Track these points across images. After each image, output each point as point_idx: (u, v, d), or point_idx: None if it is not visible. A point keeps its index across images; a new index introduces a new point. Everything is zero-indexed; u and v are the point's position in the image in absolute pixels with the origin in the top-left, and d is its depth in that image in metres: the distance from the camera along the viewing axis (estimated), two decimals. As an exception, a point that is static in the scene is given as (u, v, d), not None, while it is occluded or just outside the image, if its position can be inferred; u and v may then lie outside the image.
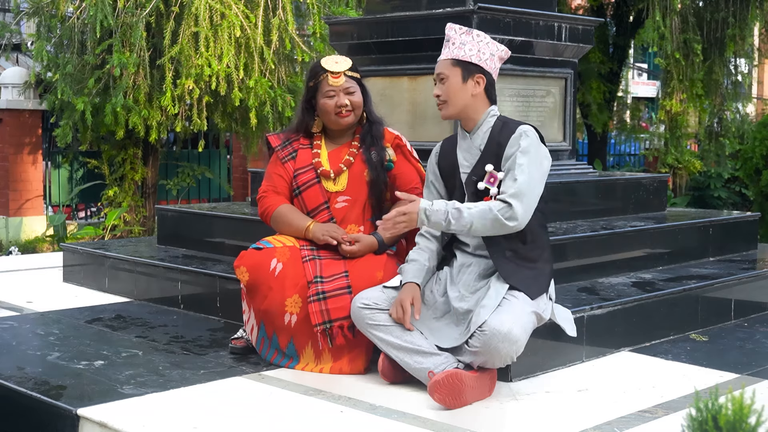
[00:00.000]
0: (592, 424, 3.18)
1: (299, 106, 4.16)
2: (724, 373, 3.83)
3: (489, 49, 3.65)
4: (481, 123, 3.67)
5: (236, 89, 8.34)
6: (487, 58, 3.64)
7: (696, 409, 2.17)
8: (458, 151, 3.75)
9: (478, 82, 3.63)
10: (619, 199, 5.50)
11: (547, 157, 3.62)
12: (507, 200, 3.46)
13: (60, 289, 5.56)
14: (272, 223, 4.05)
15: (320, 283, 3.75)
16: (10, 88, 10.40)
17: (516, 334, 3.35)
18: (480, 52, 3.63)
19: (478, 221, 3.46)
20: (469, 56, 3.62)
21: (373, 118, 4.10)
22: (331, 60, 4.04)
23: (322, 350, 3.76)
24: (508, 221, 3.46)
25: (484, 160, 3.62)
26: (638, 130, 14.31)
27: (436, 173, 3.83)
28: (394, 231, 3.59)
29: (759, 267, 5.18)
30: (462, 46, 3.64)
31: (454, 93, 3.64)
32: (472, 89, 3.63)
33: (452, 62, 3.64)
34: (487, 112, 3.68)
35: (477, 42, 3.64)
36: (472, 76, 3.62)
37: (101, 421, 3.13)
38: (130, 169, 9.73)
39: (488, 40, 3.67)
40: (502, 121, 3.67)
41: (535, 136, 3.58)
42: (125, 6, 8.30)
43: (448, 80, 3.64)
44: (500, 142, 3.59)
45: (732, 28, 10.98)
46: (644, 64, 21.09)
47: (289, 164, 4.07)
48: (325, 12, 8.74)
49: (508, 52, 3.74)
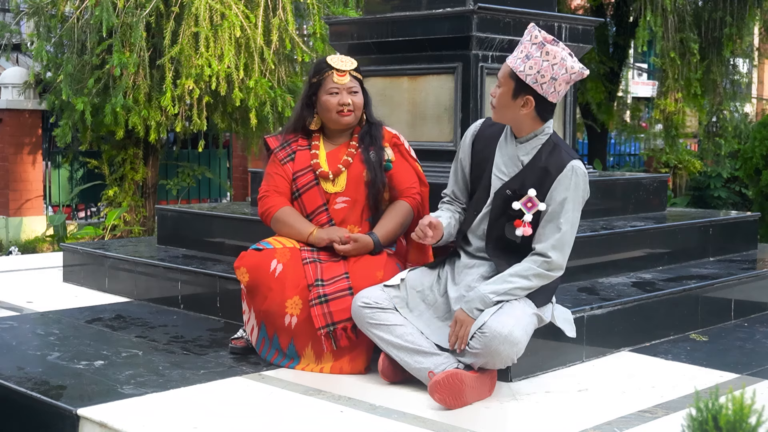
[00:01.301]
0: (592, 424, 3.18)
1: (299, 102, 4.14)
2: (724, 373, 3.83)
3: (552, 72, 3.39)
4: (530, 137, 3.54)
5: (236, 89, 8.34)
6: (546, 81, 3.40)
7: (696, 409, 2.17)
8: (498, 149, 3.62)
9: (527, 103, 3.44)
10: (619, 199, 5.50)
11: (587, 192, 3.55)
12: (548, 254, 3.43)
13: (60, 289, 5.56)
14: (273, 224, 4.04)
15: (321, 286, 3.74)
16: (10, 88, 10.39)
17: (517, 336, 3.35)
18: (539, 74, 3.39)
19: (523, 282, 3.42)
20: (525, 75, 3.40)
21: (373, 120, 4.10)
22: (337, 58, 4.03)
23: (322, 350, 3.76)
24: (551, 272, 3.46)
25: (525, 178, 3.51)
26: (638, 130, 14.31)
27: (468, 153, 3.72)
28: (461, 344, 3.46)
29: (759, 267, 5.18)
30: (526, 60, 3.41)
31: (503, 104, 3.49)
32: (520, 108, 3.47)
33: (510, 73, 3.46)
34: (541, 129, 3.53)
35: (542, 60, 3.38)
36: (522, 95, 3.43)
37: (101, 421, 3.13)
38: (130, 169, 9.73)
39: (557, 61, 3.39)
40: (554, 142, 3.53)
41: (584, 175, 3.50)
42: (125, 6, 8.30)
43: (502, 88, 3.49)
44: (547, 169, 3.48)
45: (729, 28, 10.98)
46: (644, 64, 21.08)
47: (288, 166, 4.06)
48: (324, 12, 8.74)
49: (583, 74, 3.46)
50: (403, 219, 4.00)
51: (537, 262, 3.45)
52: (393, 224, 3.97)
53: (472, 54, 4.85)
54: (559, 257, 3.46)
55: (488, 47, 4.90)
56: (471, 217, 3.68)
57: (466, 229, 3.69)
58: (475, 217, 3.66)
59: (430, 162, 4.72)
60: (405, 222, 4.01)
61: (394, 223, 3.97)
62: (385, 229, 3.95)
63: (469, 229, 3.68)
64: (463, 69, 4.88)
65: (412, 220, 4.01)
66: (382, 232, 3.93)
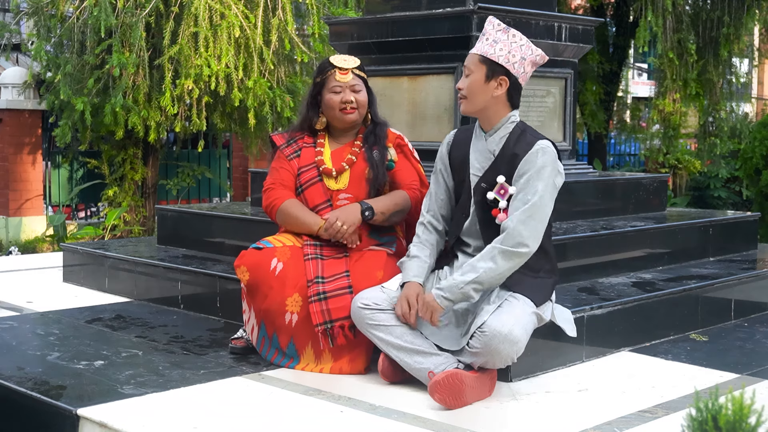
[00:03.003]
0: (592, 424, 3.18)
1: (304, 102, 4.15)
2: (724, 373, 3.83)
3: (521, 53, 3.53)
4: (499, 127, 3.59)
5: (236, 89, 8.34)
6: (517, 61, 3.52)
7: (696, 409, 2.17)
8: (471, 149, 3.67)
9: (501, 84, 3.54)
10: (619, 199, 5.50)
11: (561, 174, 3.54)
12: (509, 226, 3.40)
13: (60, 289, 5.56)
14: (278, 215, 4.02)
15: (321, 284, 3.75)
16: (10, 88, 10.40)
17: (516, 335, 3.35)
18: (510, 54, 3.52)
19: (489, 264, 3.39)
20: (497, 56, 3.52)
21: (378, 120, 4.10)
22: (340, 57, 4.05)
23: (322, 350, 3.76)
24: (516, 248, 3.39)
25: (497, 168, 3.55)
26: (638, 130, 14.32)
27: (446, 164, 3.75)
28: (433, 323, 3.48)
29: (759, 267, 5.18)
30: (494, 44, 3.54)
31: (475, 90, 3.56)
32: (494, 90, 3.54)
33: (480, 58, 3.55)
34: (507, 117, 3.59)
35: (510, 43, 3.53)
36: (496, 76, 3.53)
37: (101, 421, 3.13)
38: (130, 169, 9.73)
39: (524, 42, 3.55)
40: (521, 129, 3.58)
41: (553, 153, 3.51)
42: (125, 6, 8.30)
43: (472, 76, 3.56)
44: (516, 153, 3.52)
45: (727, 27, 10.98)
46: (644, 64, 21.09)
47: (294, 162, 4.07)
48: (324, 12, 8.74)
49: (545, 57, 3.61)
50: (399, 200, 3.99)
51: (500, 239, 3.42)
52: (387, 200, 3.97)
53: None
54: (523, 230, 3.39)
55: (488, 47, 4.89)
56: (461, 220, 3.68)
57: (458, 232, 3.70)
58: (465, 219, 3.66)
59: (430, 162, 4.70)
60: (400, 204, 3.98)
61: (389, 200, 3.98)
62: (377, 201, 3.95)
63: (462, 232, 3.68)
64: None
65: (409, 211, 4.01)
66: (373, 202, 3.94)
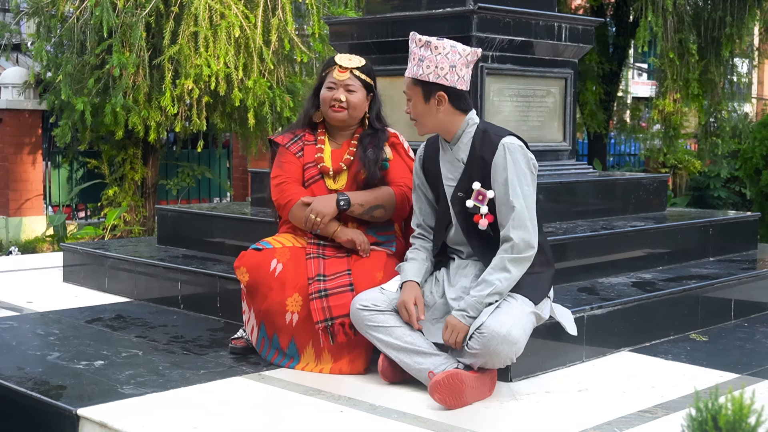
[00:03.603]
0: (592, 424, 3.18)
1: (309, 94, 4.17)
2: (724, 373, 3.83)
3: (449, 60, 3.47)
4: (460, 134, 3.58)
5: (236, 89, 8.34)
6: (447, 72, 3.48)
7: (696, 409, 2.17)
8: (441, 161, 3.67)
9: (441, 100, 3.51)
10: (619, 199, 5.50)
11: (533, 162, 3.52)
12: (510, 236, 3.41)
13: (60, 289, 5.56)
14: (292, 213, 3.99)
15: (322, 281, 3.75)
16: (10, 88, 10.39)
17: (515, 335, 3.35)
18: (438, 68, 3.47)
19: (503, 274, 3.39)
20: (426, 74, 3.48)
21: (377, 126, 4.08)
22: (344, 56, 4.04)
23: (322, 350, 3.76)
24: (522, 253, 3.41)
25: (469, 175, 3.55)
26: (638, 130, 14.32)
27: (422, 178, 3.76)
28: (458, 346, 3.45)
29: (759, 267, 5.18)
30: (420, 63, 3.50)
31: (420, 113, 3.55)
32: (436, 108, 3.52)
33: (412, 81, 3.54)
34: (465, 122, 3.57)
35: (435, 56, 3.47)
36: (433, 94, 3.50)
37: (101, 421, 3.13)
38: (130, 169, 9.73)
39: (448, 50, 3.48)
40: (482, 129, 3.57)
41: (516, 148, 3.48)
42: (125, 6, 8.30)
43: (413, 100, 3.56)
44: (484, 157, 3.51)
45: (729, 28, 10.97)
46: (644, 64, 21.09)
47: (301, 159, 4.06)
48: (324, 12, 8.74)
49: (477, 53, 3.55)
50: (381, 195, 3.96)
51: (505, 249, 3.43)
52: (367, 193, 3.96)
53: (472, 54, 4.84)
54: (523, 235, 3.41)
55: (488, 47, 4.90)
56: (445, 232, 3.68)
57: (444, 240, 3.70)
58: (449, 230, 3.67)
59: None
60: (381, 198, 3.96)
61: (369, 194, 3.96)
62: (356, 194, 3.95)
63: (449, 240, 3.69)
64: (463, 69, 4.87)
65: (394, 208, 3.99)
66: (352, 194, 3.94)
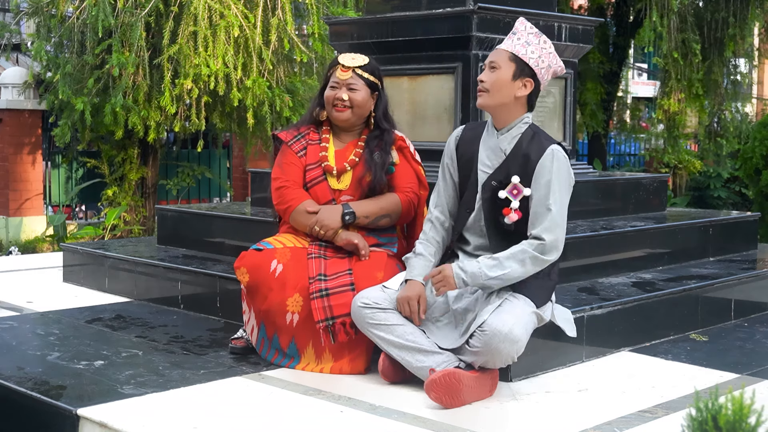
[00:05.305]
0: (592, 424, 3.18)
1: (316, 93, 4.19)
2: (724, 373, 3.83)
3: (549, 60, 3.59)
4: (512, 126, 3.60)
5: (235, 89, 8.34)
6: (544, 67, 3.58)
7: (696, 409, 2.17)
8: (481, 146, 3.67)
9: (526, 85, 3.56)
10: (619, 199, 5.50)
11: (573, 178, 3.58)
12: (542, 236, 3.43)
13: (60, 289, 5.56)
14: (292, 218, 4.00)
15: (323, 281, 3.75)
16: (10, 88, 10.40)
17: (517, 334, 3.35)
18: (540, 59, 3.56)
19: (517, 265, 3.42)
20: (529, 57, 3.54)
21: (384, 126, 4.07)
22: (348, 56, 4.04)
23: (323, 349, 3.76)
24: (546, 256, 3.44)
25: (509, 167, 3.56)
26: (638, 130, 14.32)
27: (453, 158, 3.74)
28: (438, 293, 3.53)
29: (759, 267, 5.18)
30: (526, 45, 3.57)
31: (500, 86, 3.56)
32: (518, 89, 3.56)
33: (510, 56, 3.56)
34: (521, 117, 3.60)
35: (541, 48, 3.58)
36: (523, 77, 3.55)
37: (101, 421, 3.13)
38: (130, 169, 9.73)
39: (552, 51, 3.61)
40: (533, 131, 3.60)
41: (565, 158, 3.53)
42: (124, 6, 8.30)
43: (499, 71, 3.56)
44: (528, 155, 3.53)
45: (732, 28, 10.98)
46: (644, 64, 21.09)
47: (303, 159, 4.06)
48: (324, 12, 8.74)
49: (564, 69, 3.70)
50: (386, 204, 3.97)
51: (532, 245, 3.45)
52: (372, 204, 3.97)
53: (472, 54, 4.85)
54: (553, 239, 3.45)
55: (488, 47, 4.90)
56: (465, 216, 3.68)
57: (461, 228, 3.69)
58: (468, 215, 3.66)
59: (430, 162, 4.71)
60: (386, 208, 3.97)
61: (374, 204, 3.97)
62: (360, 205, 3.95)
63: (465, 228, 3.68)
64: (463, 69, 4.88)
65: (400, 214, 4.00)
66: (357, 205, 3.94)
